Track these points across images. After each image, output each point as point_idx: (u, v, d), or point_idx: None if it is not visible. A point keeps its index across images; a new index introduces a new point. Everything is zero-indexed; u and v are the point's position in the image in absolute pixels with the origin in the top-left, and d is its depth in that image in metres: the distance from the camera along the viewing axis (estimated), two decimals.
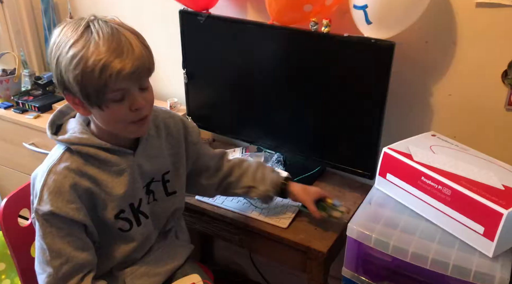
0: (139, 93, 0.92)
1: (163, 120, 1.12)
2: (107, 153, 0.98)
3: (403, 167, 1.09)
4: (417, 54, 1.29)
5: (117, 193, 1.00)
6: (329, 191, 1.44)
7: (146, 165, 1.06)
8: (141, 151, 1.04)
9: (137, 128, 0.96)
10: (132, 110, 0.91)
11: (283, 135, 1.48)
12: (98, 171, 0.98)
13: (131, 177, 1.02)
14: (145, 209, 1.08)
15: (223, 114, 1.59)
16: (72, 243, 0.96)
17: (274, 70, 1.40)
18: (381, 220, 1.07)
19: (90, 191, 0.97)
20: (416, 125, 1.36)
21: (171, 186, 1.14)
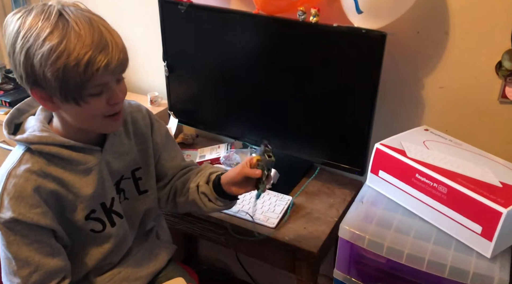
0: (117, 86, 0.86)
1: (131, 114, 1.05)
2: (72, 151, 0.91)
3: (396, 164, 1.04)
4: (408, 45, 1.24)
5: (86, 193, 0.93)
6: (317, 187, 1.40)
7: (114, 162, 0.99)
8: (109, 147, 0.97)
9: (113, 123, 0.90)
10: (110, 104, 0.85)
11: (269, 130, 1.42)
12: (63, 171, 0.91)
13: (100, 175, 0.95)
14: (119, 208, 1.02)
15: (207, 108, 1.52)
16: (40, 250, 0.90)
17: (260, 63, 1.33)
18: (374, 219, 1.02)
19: (56, 193, 0.90)
20: (407, 119, 1.32)
21: (143, 184, 1.07)
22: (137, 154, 1.05)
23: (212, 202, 1.03)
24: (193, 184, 1.06)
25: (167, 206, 1.13)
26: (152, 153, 1.08)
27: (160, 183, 1.11)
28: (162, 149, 1.10)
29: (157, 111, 1.65)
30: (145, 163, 1.07)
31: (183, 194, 1.08)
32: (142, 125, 1.07)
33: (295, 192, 1.37)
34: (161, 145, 1.09)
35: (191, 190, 1.06)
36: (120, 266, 1.09)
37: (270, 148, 0.99)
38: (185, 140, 1.65)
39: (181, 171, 1.12)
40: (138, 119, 1.06)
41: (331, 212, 1.29)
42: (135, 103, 1.10)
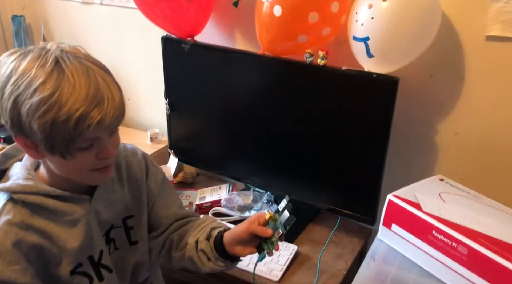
0: (109, 140, 0.79)
1: (125, 158, 0.99)
2: (58, 201, 0.84)
3: (410, 218, 0.97)
4: (421, 89, 1.18)
5: (72, 246, 0.85)
6: (324, 235, 1.32)
7: (104, 212, 0.92)
8: (99, 195, 0.90)
9: (101, 175, 0.83)
10: (100, 158, 0.79)
11: (274, 173, 1.35)
12: (48, 222, 0.83)
13: (87, 226, 0.87)
14: (108, 261, 0.94)
15: (208, 148, 1.46)
16: None
17: (264, 104, 1.28)
18: (387, 280, 0.94)
19: (39, 246, 0.82)
20: (421, 166, 1.25)
21: (134, 234, 0.99)
22: (130, 201, 0.98)
23: (212, 262, 0.95)
24: (191, 238, 0.98)
25: (159, 259, 1.03)
26: (146, 200, 1.01)
27: (153, 233, 1.03)
28: (157, 195, 1.02)
29: (156, 149, 1.59)
30: (138, 211, 1.00)
31: (179, 249, 1.00)
32: (137, 171, 1.00)
33: (300, 240, 1.29)
34: (156, 191, 1.02)
35: (189, 245, 0.98)
36: None
37: (291, 204, 0.90)
38: (185, 179, 1.58)
39: (178, 222, 1.04)
40: (132, 164, 1.00)
41: (339, 264, 1.20)
42: (131, 147, 1.04)
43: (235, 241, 0.91)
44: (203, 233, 0.97)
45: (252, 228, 0.89)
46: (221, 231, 0.95)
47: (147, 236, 1.01)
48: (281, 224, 0.88)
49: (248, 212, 1.36)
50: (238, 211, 1.36)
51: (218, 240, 0.94)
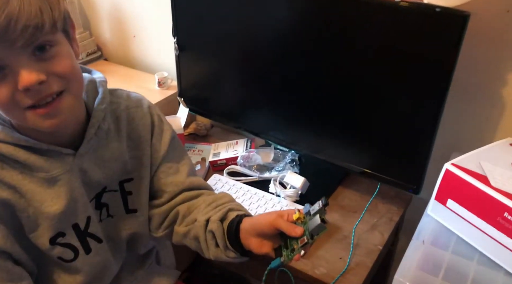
0: (29, 62, 0.60)
1: (127, 110, 0.81)
2: (31, 153, 0.68)
3: (474, 194, 0.77)
4: (492, 28, 0.93)
5: (50, 210, 0.70)
6: (356, 201, 1.13)
7: (95, 170, 0.75)
8: (87, 150, 0.73)
9: (40, 120, 0.64)
10: (21, 90, 0.60)
11: (299, 128, 1.15)
12: (21, 177, 0.68)
13: (69, 187, 0.71)
14: (96, 230, 0.78)
15: (223, 96, 1.25)
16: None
17: (293, 43, 1.04)
18: (441, 269, 0.76)
19: (10, 204, 0.68)
20: (484, 127, 1.03)
21: (132, 201, 0.83)
22: (129, 162, 0.81)
23: (220, 249, 0.78)
24: (202, 215, 0.81)
25: (158, 232, 0.87)
26: (149, 163, 0.83)
27: (155, 201, 0.86)
28: (163, 158, 0.84)
29: (165, 95, 1.40)
30: (139, 174, 0.83)
31: (185, 224, 0.83)
32: (140, 126, 0.82)
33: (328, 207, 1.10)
34: (162, 153, 0.84)
35: (197, 223, 0.81)
36: None
37: (325, 210, 0.72)
38: (197, 131, 1.39)
39: (187, 192, 0.86)
40: (135, 118, 0.82)
41: (374, 237, 1.03)
42: (136, 96, 0.85)
43: (254, 232, 0.74)
44: (217, 212, 0.79)
45: (279, 223, 0.72)
46: (240, 215, 0.78)
47: (147, 204, 0.85)
48: (308, 231, 0.71)
49: (268, 172, 1.18)
50: (257, 171, 1.18)
51: (234, 226, 0.76)
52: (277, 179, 1.14)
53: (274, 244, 0.76)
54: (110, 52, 1.64)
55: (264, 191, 1.13)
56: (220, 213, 0.79)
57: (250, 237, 0.75)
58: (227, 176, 1.19)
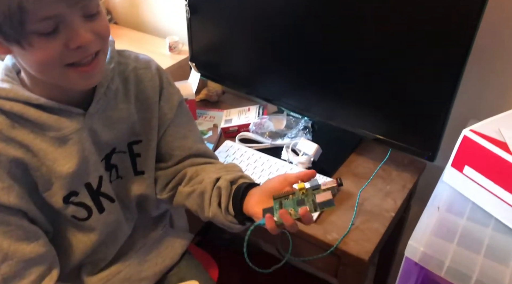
0: (83, 23, 0.61)
1: (135, 71, 0.80)
2: (41, 111, 0.68)
3: (492, 160, 0.75)
4: None
5: (62, 169, 0.71)
6: (369, 168, 1.12)
7: (104, 131, 0.75)
8: (96, 110, 0.73)
9: (83, 76, 0.65)
10: (72, 48, 0.61)
11: (312, 94, 1.13)
12: (33, 136, 0.68)
13: (80, 146, 0.72)
14: (108, 189, 0.79)
15: (235, 62, 1.23)
16: (9, 234, 0.69)
17: (306, 7, 1.01)
18: (456, 235, 0.76)
19: (24, 163, 0.68)
20: (504, 93, 1.00)
21: (140, 163, 0.84)
22: (137, 123, 0.81)
23: (220, 210, 0.78)
24: (213, 174, 0.81)
25: (162, 193, 0.87)
26: (157, 125, 0.83)
27: (161, 164, 0.86)
28: (170, 121, 0.84)
29: (176, 60, 1.38)
30: (147, 137, 0.83)
31: (191, 185, 0.83)
32: (148, 88, 0.81)
33: (341, 173, 1.10)
34: (169, 116, 0.84)
35: (207, 179, 0.80)
36: (120, 263, 0.88)
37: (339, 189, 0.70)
38: (209, 97, 1.38)
39: (194, 158, 0.86)
40: (144, 79, 0.81)
41: (386, 204, 1.02)
42: (144, 58, 0.84)
43: (261, 192, 0.73)
44: (230, 174, 0.79)
45: (290, 175, 0.72)
46: (251, 183, 0.78)
47: (154, 166, 0.85)
48: (313, 202, 0.69)
49: (280, 139, 1.17)
50: (269, 138, 1.17)
51: (241, 191, 0.76)
52: (289, 145, 1.13)
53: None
54: (120, 16, 1.61)
55: (276, 158, 1.12)
56: (232, 175, 0.79)
57: (254, 205, 0.74)
58: (239, 143, 1.18)
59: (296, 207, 0.70)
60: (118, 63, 0.78)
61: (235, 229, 0.80)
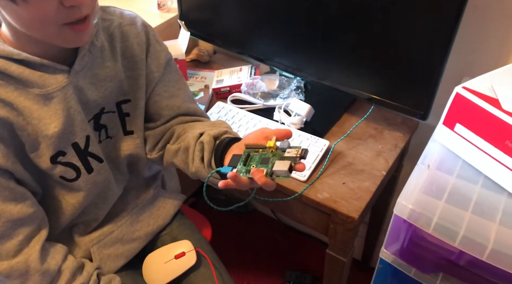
0: None
1: (120, 27, 0.78)
2: (24, 67, 0.66)
3: (484, 118, 0.75)
4: None
5: (49, 127, 0.70)
6: (362, 128, 1.12)
7: (91, 89, 0.74)
8: (81, 67, 0.72)
9: (75, 35, 0.64)
10: (66, 6, 0.59)
11: (305, 54, 1.10)
12: (17, 94, 0.67)
13: (65, 104, 0.70)
14: (97, 149, 0.79)
15: (227, 20, 1.20)
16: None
17: None
18: (445, 193, 0.76)
19: (8, 122, 0.67)
20: (498, 48, 0.98)
21: (130, 122, 0.83)
22: (125, 81, 0.79)
23: (203, 164, 0.77)
24: (198, 130, 0.80)
25: (152, 153, 0.87)
26: (144, 84, 0.81)
27: (150, 124, 0.86)
28: (158, 80, 0.82)
29: (165, 19, 1.34)
30: (135, 96, 0.81)
31: (178, 142, 0.82)
32: (135, 45, 0.79)
33: (333, 133, 1.10)
34: (157, 74, 0.82)
35: (190, 134, 0.80)
36: (112, 224, 0.89)
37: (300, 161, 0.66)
38: (200, 57, 1.35)
39: (182, 117, 0.85)
40: (129, 36, 0.79)
41: (378, 163, 1.02)
42: (129, 13, 0.81)
43: (242, 148, 0.72)
44: (214, 129, 0.78)
45: (268, 129, 0.71)
46: (234, 138, 0.76)
47: (143, 126, 0.84)
48: (271, 165, 0.66)
49: (273, 99, 1.15)
50: (261, 99, 1.15)
51: (223, 144, 0.75)
52: (281, 106, 1.12)
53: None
54: None
55: (268, 119, 1.11)
56: (216, 130, 0.79)
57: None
58: (231, 104, 1.17)
59: (259, 164, 0.67)
60: (103, 19, 0.76)
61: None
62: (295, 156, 0.66)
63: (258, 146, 0.70)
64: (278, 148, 0.69)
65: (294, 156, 0.66)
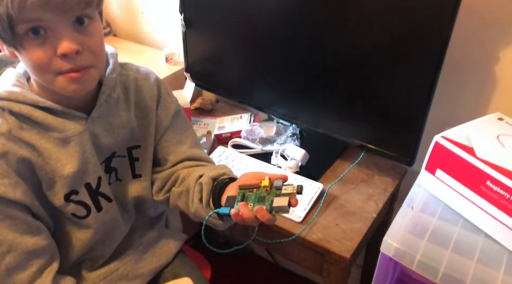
0: (71, 33, 0.66)
1: (135, 81, 0.87)
2: (47, 114, 0.74)
3: (460, 164, 0.83)
4: (487, 7, 0.97)
5: (64, 168, 0.77)
6: (353, 172, 1.19)
7: (105, 136, 0.82)
8: (98, 115, 0.80)
9: (71, 84, 0.70)
10: (58, 54, 0.66)
11: (300, 103, 1.20)
12: (39, 137, 0.75)
13: (81, 148, 0.78)
14: (107, 190, 0.85)
15: (228, 72, 1.31)
16: (14, 227, 0.75)
17: (295, 21, 1.09)
18: (427, 232, 0.83)
19: (30, 162, 0.74)
20: (474, 102, 1.07)
21: (138, 167, 0.90)
22: (137, 129, 0.87)
23: (201, 205, 0.83)
24: (199, 172, 0.87)
25: (159, 195, 0.93)
26: (154, 131, 0.89)
27: (157, 168, 0.93)
28: (166, 128, 0.91)
29: (172, 71, 1.45)
30: (145, 142, 0.89)
31: (183, 185, 0.89)
32: (147, 97, 0.88)
33: (327, 177, 1.17)
34: (165, 123, 0.90)
35: (192, 177, 0.86)
36: (118, 260, 0.94)
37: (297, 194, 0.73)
38: (203, 106, 1.45)
39: (188, 161, 0.92)
40: (143, 89, 0.88)
41: (368, 206, 1.09)
42: (145, 70, 0.90)
43: (236, 185, 0.78)
44: (213, 171, 0.85)
45: (263, 173, 0.77)
46: (232, 179, 0.83)
47: (151, 170, 0.91)
48: (269, 203, 0.72)
49: (270, 145, 1.24)
50: (260, 144, 1.24)
51: (220, 184, 0.81)
52: (278, 151, 1.20)
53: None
54: (119, 28, 1.68)
55: (266, 163, 1.19)
56: (215, 172, 0.85)
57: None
58: (231, 148, 1.25)
59: (256, 203, 0.72)
60: (121, 74, 0.85)
61: (219, 226, 0.84)
62: (292, 192, 0.72)
63: (251, 186, 0.75)
64: (272, 186, 0.74)
65: (291, 192, 0.72)
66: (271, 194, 0.74)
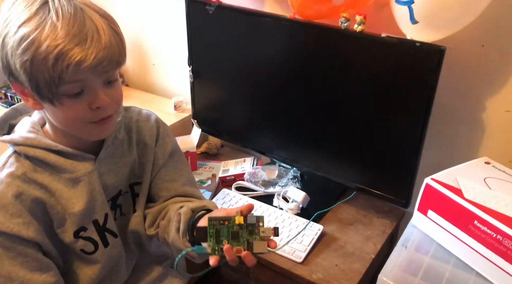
0: (103, 89, 0.75)
1: (137, 123, 0.94)
2: (59, 157, 0.81)
3: (450, 205, 0.88)
4: (470, 61, 1.06)
5: (74, 206, 0.82)
6: (353, 215, 1.24)
7: (110, 175, 0.88)
8: (105, 156, 0.86)
9: (99, 130, 0.79)
10: (93, 108, 0.75)
11: (301, 148, 1.27)
12: (51, 178, 0.81)
13: (90, 187, 0.84)
14: (113, 226, 0.90)
15: (233, 119, 1.39)
16: (26, 264, 0.79)
17: (293, 72, 1.18)
18: (420, 270, 0.86)
19: (42, 202, 0.80)
20: (463, 147, 1.14)
21: (137, 202, 0.95)
22: (137, 167, 0.94)
23: (178, 234, 0.85)
24: (181, 204, 0.91)
25: (151, 230, 0.96)
26: (151, 169, 0.95)
27: (150, 204, 0.98)
28: (161, 166, 0.96)
29: (180, 118, 1.54)
30: (144, 179, 0.95)
31: (166, 216, 0.92)
32: (147, 136, 0.95)
33: (327, 219, 1.22)
34: (161, 161, 0.96)
35: (173, 208, 0.91)
36: None
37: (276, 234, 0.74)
38: (209, 150, 1.52)
39: (179, 197, 0.97)
40: (143, 129, 0.95)
41: (367, 247, 1.13)
42: (146, 112, 0.98)
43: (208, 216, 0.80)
44: (195, 203, 0.90)
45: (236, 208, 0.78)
46: (209, 210, 0.87)
47: (144, 205, 0.97)
48: (248, 243, 0.73)
49: (272, 187, 1.29)
50: (262, 186, 1.30)
51: (196, 215, 0.84)
52: (280, 193, 1.25)
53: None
54: (131, 79, 1.79)
55: (268, 204, 1.24)
56: (196, 204, 0.89)
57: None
58: (235, 191, 1.31)
59: (231, 240, 0.73)
60: (124, 117, 0.93)
61: (196, 259, 0.87)
62: (269, 235, 0.73)
63: (221, 218, 0.74)
64: (246, 222, 0.74)
65: (269, 235, 0.74)
66: (244, 231, 0.74)
